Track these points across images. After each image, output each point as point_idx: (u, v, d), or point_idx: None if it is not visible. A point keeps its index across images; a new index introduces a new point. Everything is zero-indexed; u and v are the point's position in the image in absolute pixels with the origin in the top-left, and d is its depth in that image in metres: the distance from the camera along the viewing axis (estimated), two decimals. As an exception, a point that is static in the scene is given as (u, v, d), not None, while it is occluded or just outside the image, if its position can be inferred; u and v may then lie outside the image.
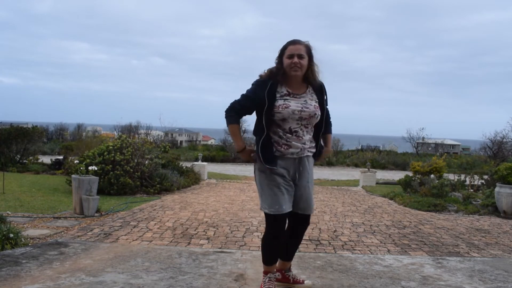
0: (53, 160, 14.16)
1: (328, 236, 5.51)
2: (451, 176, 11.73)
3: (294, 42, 2.86)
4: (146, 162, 10.02)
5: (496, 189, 8.06)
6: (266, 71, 2.90)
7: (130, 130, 27.32)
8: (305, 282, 3.22)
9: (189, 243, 4.85)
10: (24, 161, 14.17)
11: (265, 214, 2.87)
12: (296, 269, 3.62)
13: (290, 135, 2.84)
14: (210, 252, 4.33)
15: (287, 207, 2.83)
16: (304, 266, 3.83)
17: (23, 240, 4.38)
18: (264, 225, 2.99)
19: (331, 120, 3.15)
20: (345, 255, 4.35)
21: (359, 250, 4.82)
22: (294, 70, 2.81)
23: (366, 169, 14.94)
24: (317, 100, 2.92)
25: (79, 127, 30.45)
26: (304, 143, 2.88)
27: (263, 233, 3.00)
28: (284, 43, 2.87)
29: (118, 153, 9.37)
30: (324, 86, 3.01)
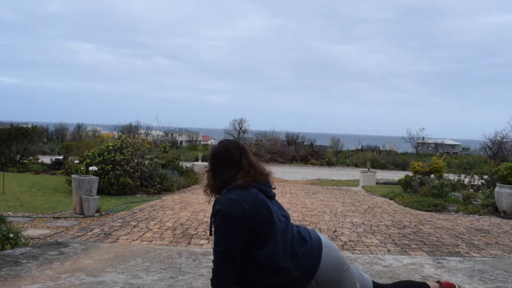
0: (53, 160, 14.16)
1: (328, 236, 5.51)
2: (451, 176, 11.71)
3: None
4: (146, 162, 10.01)
5: (496, 189, 8.06)
6: None
7: (130, 130, 27.28)
8: None
9: (189, 243, 4.85)
10: (24, 161, 14.16)
11: None
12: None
13: None
14: (210, 252, 4.33)
15: None
16: (304, 266, 3.83)
17: (23, 240, 4.38)
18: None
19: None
20: (345, 255, 4.36)
21: (359, 250, 4.82)
22: None
23: (366, 169, 14.93)
24: None
25: (79, 127, 30.37)
26: None
27: None
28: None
29: (118, 153, 9.37)
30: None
